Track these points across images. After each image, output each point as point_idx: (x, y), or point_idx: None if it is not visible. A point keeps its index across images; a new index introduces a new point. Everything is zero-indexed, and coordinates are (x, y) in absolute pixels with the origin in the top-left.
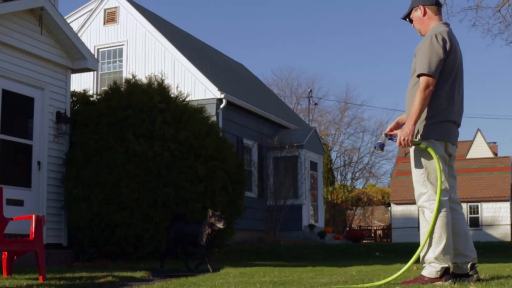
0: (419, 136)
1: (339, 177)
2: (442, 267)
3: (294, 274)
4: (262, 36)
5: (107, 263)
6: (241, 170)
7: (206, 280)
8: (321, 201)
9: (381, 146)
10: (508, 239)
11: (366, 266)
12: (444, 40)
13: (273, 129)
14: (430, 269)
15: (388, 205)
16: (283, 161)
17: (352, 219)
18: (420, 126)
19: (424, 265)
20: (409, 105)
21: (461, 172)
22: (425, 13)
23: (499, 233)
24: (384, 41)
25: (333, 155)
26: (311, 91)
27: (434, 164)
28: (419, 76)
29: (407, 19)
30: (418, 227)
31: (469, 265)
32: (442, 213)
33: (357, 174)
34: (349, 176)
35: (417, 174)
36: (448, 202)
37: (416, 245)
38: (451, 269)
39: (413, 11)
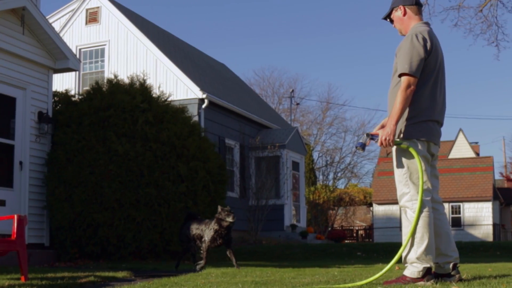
0: (401, 135)
1: (321, 177)
2: (424, 267)
3: (276, 274)
4: (244, 36)
5: (89, 263)
6: (223, 170)
7: (188, 280)
8: (303, 201)
9: (362, 146)
10: (490, 239)
11: (348, 266)
12: (424, 39)
13: (255, 129)
14: (412, 269)
15: (370, 205)
16: (265, 161)
17: (334, 219)
18: (403, 126)
19: (406, 265)
20: (391, 105)
21: (443, 172)
22: (405, 13)
23: (481, 233)
24: (366, 41)
25: (315, 155)
26: (293, 91)
27: (416, 164)
28: (400, 75)
29: (388, 20)
30: (400, 227)
31: (451, 265)
32: (425, 213)
33: (339, 174)
34: (331, 176)
35: (399, 174)
36: (431, 202)
37: (398, 245)
38: (433, 269)
39: (393, 11)
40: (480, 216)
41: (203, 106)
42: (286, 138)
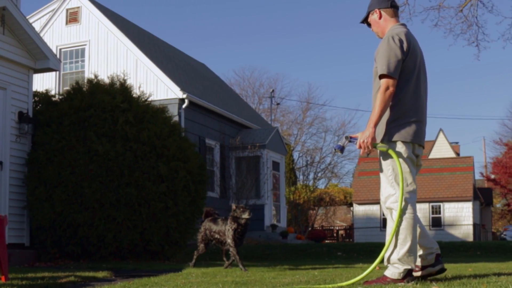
0: (386, 138)
1: (301, 177)
2: (405, 269)
3: (256, 274)
4: (224, 36)
5: (70, 263)
6: (203, 170)
7: (168, 280)
8: (283, 201)
9: (341, 149)
10: (470, 239)
11: (328, 266)
12: (401, 40)
13: (236, 129)
14: (393, 270)
15: (350, 205)
16: (245, 161)
17: (314, 219)
18: (388, 128)
19: (387, 265)
20: None
21: (423, 172)
22: (381, 16)
23: (461, 233)
24: (346, 41)
25: (295, 155)
26: (273, 91)
27: (402, 166)
28: (380, 77)
29: (365, 23)
30: (380, 227)
31: (434, 256)
32: (409, 215)
33: (319, 174)
34: (311, 176)
35: (385, 176)
36: (415, 205)
37: (378, 245)
38: (422, 263)
39: (370, 15)
40: (460, 216)
41: (184, 106)
42: (267, 138)
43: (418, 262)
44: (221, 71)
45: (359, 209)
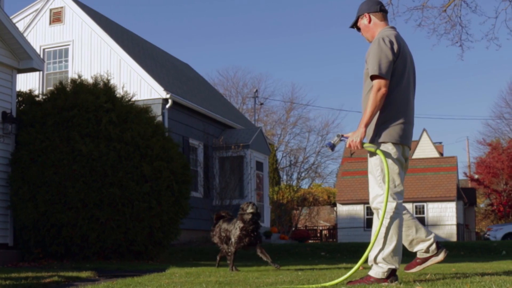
0: (377, 139)
1: (285, 177)
2: (389, 268)
3: (239, 274)
4: (208, 36)
5: (53, 263)
6: (187, 170)
7: (152, 280)
8: (266, 201)
9: (332, 146)
10: (454, 239)
11: (312, 266)
12: (391, 42)
13: (219, 129)
14: (377, 270)
15: (334, 205)
16: (228, 161)
17: (298, 219)
18: (379, 129)
19: (371, 264)
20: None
21: (406, 172)
22: (370, 20)
23: (445, 233)
24: (329, 41)
25: (279, 155)
26: (256, 91)
27: (391, 167)
28: (371, 79)
29: (355, 28)
30: (363, 227)
31: (435, 245)
32: (396, 215)
33: (303, 174)
34: (295, 176)
35: (373, 176)
36: (402, 206)
37: (362, 245)
38: (426, 257)
39: (359, 20)
40: (444, 216)
41: (167, 106)
42: (250, 138)
43: (423, 255)
44: (205, 71)
45: (343, 209)
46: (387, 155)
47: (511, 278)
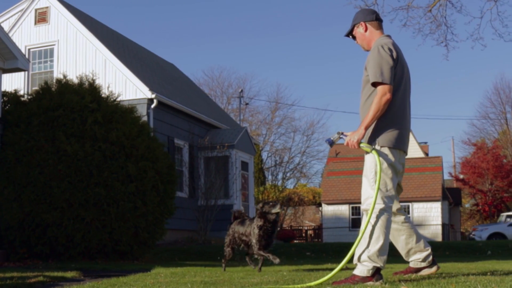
0: (375, 143)
1: (270, 177)
2: (374, 266)
3: (225, 274)
4: (193, 36)
5: (38, 263)
6: (172, 170)
7: (137, 280)
8: (252, 201)
9: (331, 143)
10: (439, 239)
11: (298, 266)
12: (390, 49)
13: (204, 129)
14: (362, 268)
15: (319, 205)
16: (214, 161)
17: (283, 219)
18: (377, 134)
19: (356, 263)
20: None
21: None
22: (366, 29)
23: (430, 233)
24: (314, 41)
25: (264, 155)
26: (241, 91)
27: (384, 170)
28: (374, 85)
29: (350, 36)
30: (349, 227)
31: (431, 257)
32: (385, 216)
33: (288, 174)
34: (280, 176)
35: (367, 178)
36: (391, 209)
37: (347, 244)
38: (420, 267)
39: (355, 28)
40: (429, 216)
41: (152, 106)
42: (235, 138)
43: (417, 264)
44: (190, 71)
45: (328, 209)
46: (382, 156)
47: (496, 278)
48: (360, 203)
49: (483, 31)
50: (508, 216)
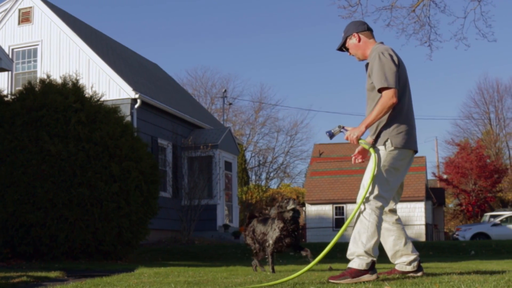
0: (388, 143)
1: (253, 177)
2: (371, 260)
3: (208, 274)
4: (176, 36)
5: (22, 263)
6: (156, 170)
7: (120, 280)
8: (235, 201)
9: (331, 135)
10: (423, 239)
11: (281, 266)
12: (390, 55)
13: (188, 129)
14: (360, 261)
15: (303, 205)
16: (197, 161)
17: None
18: (391, 134)
19: (351, 257)
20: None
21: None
22: (359, 39)
23: (414, 232)
24: (298, 41)
25: (248, 155)
26: (225, 91)
27: (390, 170)
28: (380, 91)
29: (344, 49)
30: (332, 227)
31: (417, 262)
32: (379, 213)
33: (271, 174)
34: (263, 176)
35: (368, 177)
36: (382, 210)
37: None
38: (405, 271)
39: (347, 40)
40: (412, 216)
41: (136, 106)
42: (219, 138)
43: (403, 268)
44: (174, 71)
45: (312, 209)
46: (392, 157)
47: (480, 278)
48: (343, 203)
49: (467, 31)
50: (491, 216)
